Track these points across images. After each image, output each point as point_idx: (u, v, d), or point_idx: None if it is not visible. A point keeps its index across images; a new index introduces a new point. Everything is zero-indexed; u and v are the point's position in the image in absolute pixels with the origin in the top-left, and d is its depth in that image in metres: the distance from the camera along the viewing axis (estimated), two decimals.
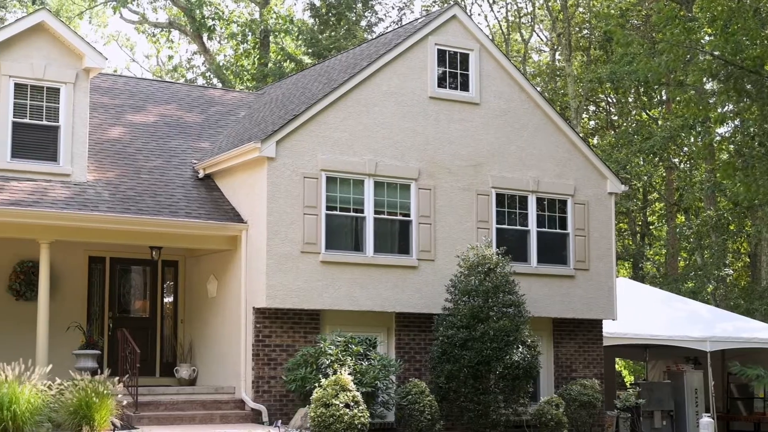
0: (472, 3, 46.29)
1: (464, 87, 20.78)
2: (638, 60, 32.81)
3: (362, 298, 19.11)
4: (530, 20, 46.23)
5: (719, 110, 32.80)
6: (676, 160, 43.04)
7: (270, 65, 41.39)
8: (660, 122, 41.65)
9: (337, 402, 16.03)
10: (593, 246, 21.79)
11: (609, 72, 37.01)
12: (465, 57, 20.81)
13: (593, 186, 21.98)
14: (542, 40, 48.27)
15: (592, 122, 47.21)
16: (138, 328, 20.36)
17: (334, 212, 19.05)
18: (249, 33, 42.54)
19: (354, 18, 42.58)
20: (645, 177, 41.87)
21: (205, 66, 45.13)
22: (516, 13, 45.95)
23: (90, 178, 19.05)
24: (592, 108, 46.79)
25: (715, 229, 38.08)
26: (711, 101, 33.14)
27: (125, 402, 16.67)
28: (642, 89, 42.39)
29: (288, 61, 42.20)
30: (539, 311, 20.66)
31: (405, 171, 19.78)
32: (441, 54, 20.55)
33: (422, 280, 19.73)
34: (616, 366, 32.70)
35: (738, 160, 31.47)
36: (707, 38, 30.82)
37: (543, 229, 21.28)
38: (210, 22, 41.39)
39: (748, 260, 43.23)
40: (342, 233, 19.19)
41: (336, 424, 15.90)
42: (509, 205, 20.98)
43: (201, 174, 20.49)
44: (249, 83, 41.90)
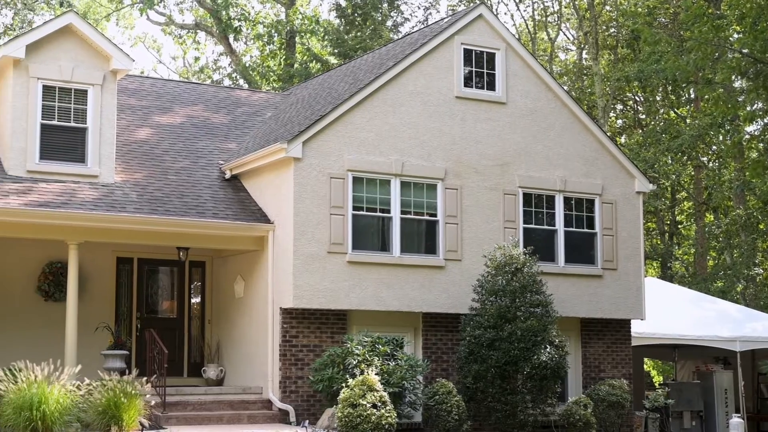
0: (498, 2, 46.23)
1: (490, 86, 20.72)
2: (666, 58, 32.65)
3: (389, 299, 19.08)
4: (557, 19, 46.04)
5: (748, 108, 32.58)
6: (705, 159, 42.74)
7: (296, 66, 41.44)
8: (688, 120, 41.37)
9: (364, 402, 16.01)
10: (621, 245, 21.68)
11: (636, 70, 36.78)
12: (491, 56, 20.75)
13: (621, 185, 21.87)
14: (569, 39, 48.10)
15: (620, 121, 46.97)
16: (165, 329, 20.43)
17: (361, 212, 19.05)
18: (275, 34, 42.61)
19: (380, 18, 42.55)
20: (673, 176, 41.60)
21: (232, 67, 45.26)
22: (542, 12, 45.78)
23: (118, 180, 19.13)
24: (620, 107, 46.55)
25: (745, 228, 37.76)
26: (740, 99, 32.92)
27: (153, 402, 16.73)
28: (670, 87, 42.10)
29: (314, 62, 42.24)
30: (567, 311, 20.57)
31: (431, 171, 19.75)
32: (467, 53, 20.50)
33: (449, 280, 19.69)
34: (645, 366, 32.52)
35: (767, 159, 31.22)
36: (736, 36, 30.63)
37: (570, 229, 21.19)
38: (236, 23, 41.50)
39: None
40: (368, 233, 19.18)
41: (363, 425, 15.89)
42: (536, 205, 20.90)
43: (228, 175, 20.53)
44: (275, 84, 41.97)
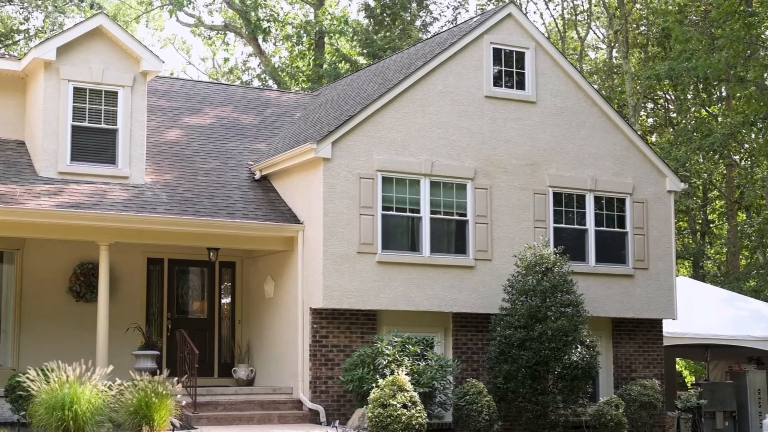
0: (528, 1, 46.06)
1: (520, 86, 20.64)
2: (697, 56, 32.43)
3: (419, 299, 19.05)
4: (586, 17, 45.84)
5: None
6: (737, 157, 42.41)
7: (325, 66, 41.48)
8: (720, 119, 41.08)
9: (395, 402, 15.98)
10: (652, 245, 21.54)
11: (667, 68, 36.55)
12: (521, 55, 20.67)
13: (652, 184, 21.73)
14: (599, 38, 47.90)
15: (651, 120, 46.71)
16: (196, 329, 20.51)
17: (390, 212, 19.03)
18: (304, 34, 42.68)
19: (409, 18, 42.52)
20: (705, 174, 41.32)
21: (261, 68, 45.38)
22: (572, 11, 45.59)
23: (148, 180, 19.21)
24: (650, 105, 46.28)
25: None
26: None
27: (184, 402, 16.77)
28: (701, 86, 41.81)
29: (343, 62, 42.27)
30: (598, 311, 20.46)
31: (461, 171, 19.70)
32: (496, 53, 20.43)
33: (479, 280, 19.63)
34: (677, 366, 32.30)
35: None
36: None
37: (601, 228, 21.08)
38: (265, 24, 41.59)
39: None
40: (398, 233, 19.16)
41: (393, 425, 15.86)
42: (567, 204, 20.80)
43: (257, 175, 20.57)
44: (304, 84, 42.04)
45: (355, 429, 16.77)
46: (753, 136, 38.05)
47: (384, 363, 17.17)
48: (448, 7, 45.13)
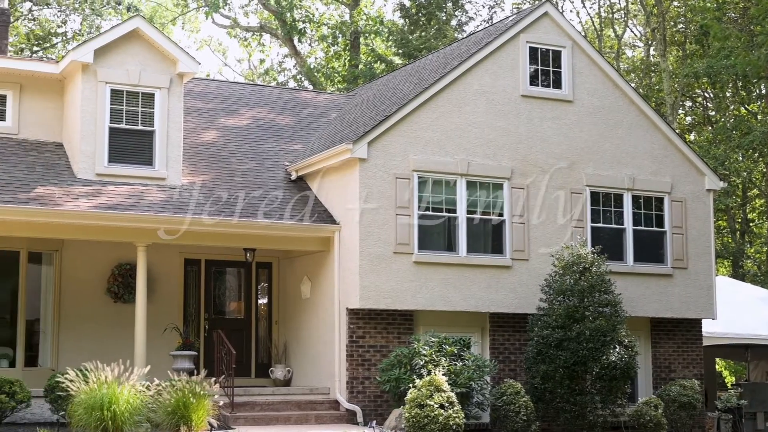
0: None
1: (557, 84, 20.53)
2: (736, 54, 32.11)
3: (456, 299, 18.99)
4: (623, 15, 45.55)
5: None
6: None
7: (360, 66, 41.50)
8: (759, 117, 40.65)
9: (432, 403, 15.94)
10: (691, 244, 21.35)
11: (706, 66, 36.24)
12: (557, 54, 20.56)
13: (691, 183, 21.54)
14: (636, 36, 47.56)
15: (689, 118, 46.31)
16: (233, 330, 20.56)
17: (427, 212, 18.98)
18: (339, 35, 42.72)
19: (444, 17, 42.44)
20: (744, 173, 40.91)
21: (296, 69, 45.47)
22: (609, 9, 45.32)
23: (185, 182, 19.29)
24: (689, 104, 45.89)
25: None
26: None
27: (221, 402, 16.83)
28: (740, 83, 41.41)
29: (378, 62, 42.26)
30: (636, 311, 20.31)
31: (497, 170, 19.61)
32: (533, 52, 20.33)
33: (516, 280, 19.54)
34: (717, 366, 32.00)
35: None
36: None
37: (639, 228, 20.93)
38: (300, 25, 41.68)
39: None
40: (434, 233, 19.11)
41: (431, 425, 15.82)
42: (604, 203, 20.67)
43: (293, 176, 20.59)
44: (340, 85, 42.08)
45: (392, 429, 16.76)
46: None
47: (421, 363, 17.15)
48: (484, 7, 44.96)
